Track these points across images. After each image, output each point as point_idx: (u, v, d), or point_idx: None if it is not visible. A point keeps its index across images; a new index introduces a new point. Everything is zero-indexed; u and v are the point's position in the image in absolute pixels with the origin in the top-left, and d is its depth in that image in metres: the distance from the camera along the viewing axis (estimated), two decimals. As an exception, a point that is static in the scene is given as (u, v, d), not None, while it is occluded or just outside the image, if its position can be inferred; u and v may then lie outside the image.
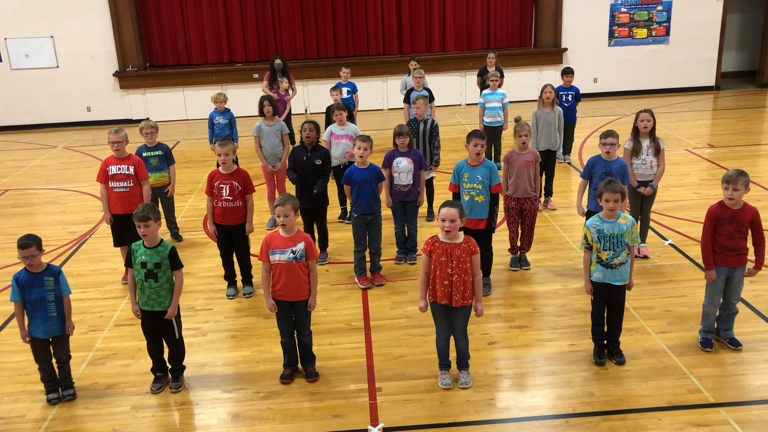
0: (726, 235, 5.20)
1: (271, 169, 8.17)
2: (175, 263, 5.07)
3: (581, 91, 10.41)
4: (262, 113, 8.23)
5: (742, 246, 5.23)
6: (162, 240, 5.09)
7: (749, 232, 5.24)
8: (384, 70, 15.37)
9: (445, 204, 4.83)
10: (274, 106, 8.26)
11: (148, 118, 8.82)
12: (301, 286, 5.10)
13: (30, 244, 4.84)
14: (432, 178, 8.24)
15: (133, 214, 4.98)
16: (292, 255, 5.00)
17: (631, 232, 5.09)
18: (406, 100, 10.21)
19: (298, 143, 7.35)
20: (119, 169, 6.84)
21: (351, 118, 9.46)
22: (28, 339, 5.00)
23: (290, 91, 11.23)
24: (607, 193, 5.10)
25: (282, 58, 11.55)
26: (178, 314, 5.20)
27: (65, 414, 5.01)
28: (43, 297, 4.91)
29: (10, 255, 7.67)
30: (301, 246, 5.03)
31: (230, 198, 6.45)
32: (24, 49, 14.92)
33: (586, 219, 6.43)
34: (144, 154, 7.66)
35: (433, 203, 8.36)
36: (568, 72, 10.24)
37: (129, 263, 5.08)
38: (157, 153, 7.82)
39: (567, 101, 9.99)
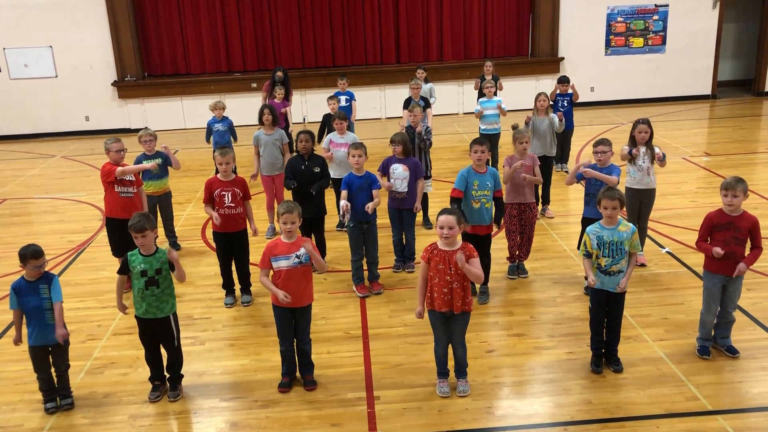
0: (722, 242, 5.20)
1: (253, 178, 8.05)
2: (173, 266, 5.13)
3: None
4: (261, 122, 8.27)
5: (739, 254, 5.22)
6: (158, 248, 5.11)
7: (747, 240, 5.24)
8: (382, 79, 15.42)
9: (443, 211, 4.85)
10: (273, 116, 8.29)
11: (146, 127, 8.83)
12: (303, 291, 5.13)
13: (41, 253, 4.89)
14: (428, 191, 8.25)
15: (129, 225, 4.98)
16: (297, 260, 5.04)
17: (631, 240, 5.11)
18: (405, 107, 10.30)
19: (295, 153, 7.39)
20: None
21: (349, 127, 9.49)
22: (19, 343, 5.01)
23: (286, 102, 11.19)
24: (606, 200, 5.12)
25: (284, 70, 11.56)
26: (177, 322, 5.21)
27: (63, 423, 5.00)
28: (39, 305, 4.90)
29: (9, 264, 7.67)
30: (303, 249, 5.07)
31: (233, 205, 6.50)
32: (23, 58, 14.96)
33: (582, 226, 6.45)
34: (143, 163, 7.68)
35: (428, 211, 8.37)
36: (563, 81, 10.31)
37: (124, 271, 5.10)
38: (156, 161, 7.84)
39: (563, 106, 10.08)
